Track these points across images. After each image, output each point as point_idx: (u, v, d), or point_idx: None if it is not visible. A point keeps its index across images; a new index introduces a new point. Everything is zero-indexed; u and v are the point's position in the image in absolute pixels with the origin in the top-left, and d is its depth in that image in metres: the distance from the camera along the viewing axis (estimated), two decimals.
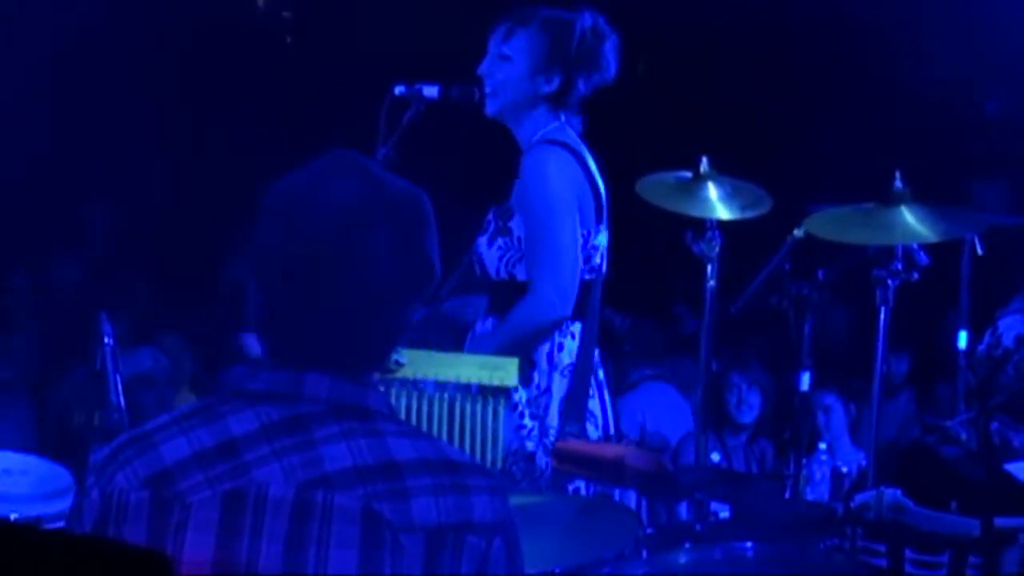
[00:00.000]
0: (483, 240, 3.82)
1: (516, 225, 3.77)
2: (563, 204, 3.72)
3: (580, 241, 3.74)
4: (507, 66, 3.82)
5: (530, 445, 3.73)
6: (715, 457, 5.96)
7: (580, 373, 3.76)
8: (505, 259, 3.78)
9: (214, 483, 1.90)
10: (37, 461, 4.17)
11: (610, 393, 3.95)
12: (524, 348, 3.73)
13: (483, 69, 3.85)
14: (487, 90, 3.84)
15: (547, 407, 3.76)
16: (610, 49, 3.85)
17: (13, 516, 3.72)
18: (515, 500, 2.01)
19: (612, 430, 3.91)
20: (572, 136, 3.84)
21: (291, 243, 1.94)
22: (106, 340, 3.99)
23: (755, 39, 8.57)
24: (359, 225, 1.92)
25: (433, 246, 2.00)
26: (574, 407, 3.74)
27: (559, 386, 3.76)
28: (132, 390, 5.36)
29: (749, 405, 6.36)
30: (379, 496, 1.88)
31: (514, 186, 3.81)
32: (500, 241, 3.79)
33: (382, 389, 2.08)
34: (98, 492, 1.93)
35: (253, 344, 6.40)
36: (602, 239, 3.84)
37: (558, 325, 3.75)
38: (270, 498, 1.88)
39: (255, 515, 1.88)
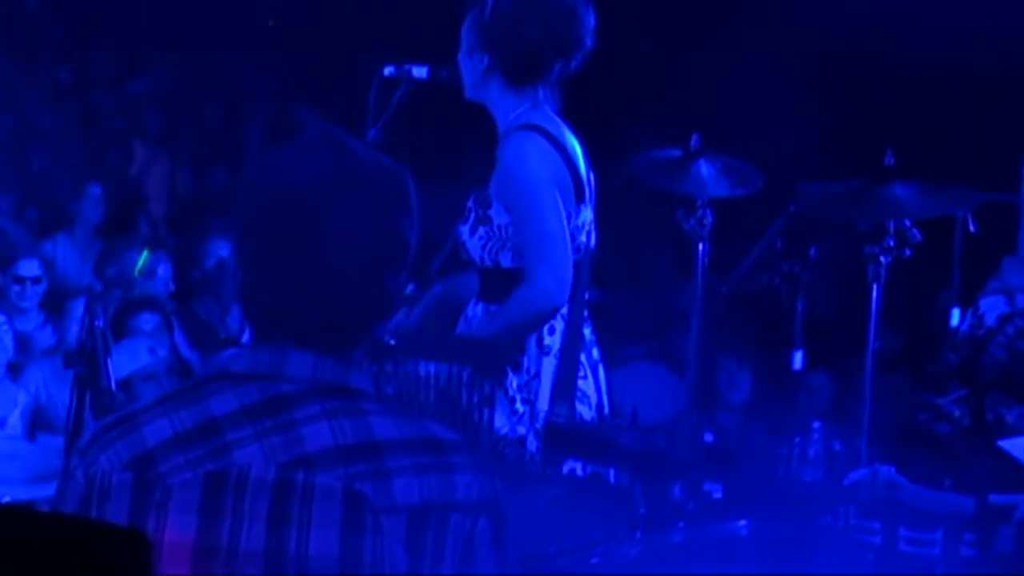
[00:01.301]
0: (464, 228, 3.78)
1: (496, 213, 3.73)
2: (544, 192, 3.67)
3: (567, 225, 3.70)
4: (463, 48, 3.82)
5: (521, 429, 3.71)
6: (708, 437, 5.94)
7: (568, 353, 3.74)
8: (488, 247, 3.74)
9: (195, 464, 1.89)
10: (26, 445, 4.16)
11: (606, 372, 3.92)
12: (519, 334, 3.71)
13: (459, 53, 3.85)
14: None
15: (537, 391, 3.73)
16: (532, 21, 3.71)
17: (3, 500, 3.71)
18: (507, 480, 1.98)
19: (607, 409, 3.88)
20: (547, 116, 3.78)
21: (264, 217, 1.93)
22: (96, 323, 3.97)
23: (747, 15, 8.55)
24: (328, 199, 1.91)
25: (409, 223, 1.97)
26: (563, 388, 3.72)
27: (549, 369, 3.74)
28: (132, 387, 5.33)
29: (740, 385, 6.35)
30: (360, 476, 1.86)
31: (493, 174, 3.77)
32: (481, 230, 3.75)
33: (370, 368, 2.06)
34: (82, 474, 1.93)
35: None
36: (585, 216, 3.79)
37: (556, 312, 3.72)
38: (251, 479, 1.87)
39: (236, 496, 1.87)
